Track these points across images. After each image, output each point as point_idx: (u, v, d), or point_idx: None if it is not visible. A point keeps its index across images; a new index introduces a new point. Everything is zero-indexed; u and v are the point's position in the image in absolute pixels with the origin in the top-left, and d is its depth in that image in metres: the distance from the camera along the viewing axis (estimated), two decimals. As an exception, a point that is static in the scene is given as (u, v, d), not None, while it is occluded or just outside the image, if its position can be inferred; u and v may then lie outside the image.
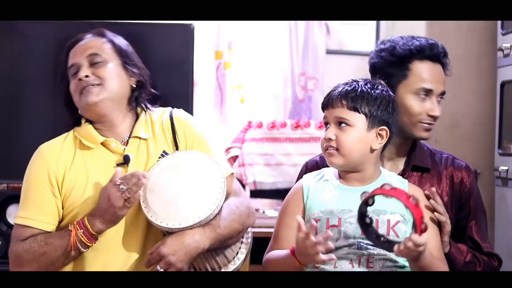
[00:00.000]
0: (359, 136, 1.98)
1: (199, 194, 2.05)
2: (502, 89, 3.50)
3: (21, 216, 2.09)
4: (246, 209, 2.17)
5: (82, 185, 2.08)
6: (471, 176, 2.25)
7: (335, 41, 3.87)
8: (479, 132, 3.85)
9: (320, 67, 3.81)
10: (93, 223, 2.00)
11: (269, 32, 3.75)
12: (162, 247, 2.00)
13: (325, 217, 1.96)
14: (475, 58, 3.83)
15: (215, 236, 2.05)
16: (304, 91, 3.80)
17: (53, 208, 2.08)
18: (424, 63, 2.15)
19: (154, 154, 2.14)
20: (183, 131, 2.19)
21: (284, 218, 2.06)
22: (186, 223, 2.01)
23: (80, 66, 2.11)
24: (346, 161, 1.99)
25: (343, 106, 1.98)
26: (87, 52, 2.12)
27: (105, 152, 2.12)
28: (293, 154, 3.55)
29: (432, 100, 2.15)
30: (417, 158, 2.22)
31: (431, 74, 2.15)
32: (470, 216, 2.23)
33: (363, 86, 2.00)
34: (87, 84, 2.09)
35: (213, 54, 3.69)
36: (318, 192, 2.03)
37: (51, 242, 2.02)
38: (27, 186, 2.11)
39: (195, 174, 2.08)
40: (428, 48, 2.15)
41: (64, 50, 2.17)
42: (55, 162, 2.10)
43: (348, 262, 1.93)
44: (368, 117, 1.98)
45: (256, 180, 3.57)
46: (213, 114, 3.70)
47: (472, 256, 2.15)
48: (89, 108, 2.10)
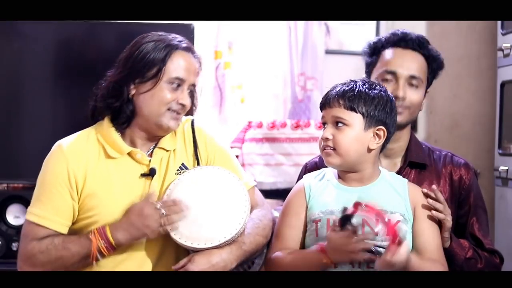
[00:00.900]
0: (356, 135, 1.98)
1: (224, 213, 2.02)
2: (502, 89, 3.50)
3: (35, 214, 2.03)
4: (269, 222, 2.14)
5: (104, 193, 2.04)
6: (470, 172, 2.26)
7: (335, 41, 3.87)
8: (479, 132, 3.85)
9: (319, 67, 3.81)
10: (116, 236, 1.97)
11: (269, 32, 3.75)
12: (190, 264, 1.98)
13: (326, 218, 1.97)
14: (475, 58, 3.83)
15: (241, 253, 2.03)
16: (304, 91, 3.80)
17: (69, 210, 2.04)
18: (391, 49, 2.23)
19: (173, 166, 2.11)
20: (205, 143, 2.16)
21: (287, 218, 2.05)
22: (211, 243, 1.98)
23: (185, 83, 2.06)
24: (343, 160, 1.99)
25: (340, 106, 1.98)
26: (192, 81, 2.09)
27: (129, 162, 2.08)
28: (293, 154, 3.55)
29: (397, 83, 2.19)
30: (413, 155, 2.23)
31: (396, 58, 2.21)
32: (471, 213, 2.23)
33: (360, 86, 2.00)
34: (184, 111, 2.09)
35: (212, 54, 3.68)
36: (319, 192, 2.03)
37: (69, 247, 1.98)
38: (43, 182, 2.05)
39: (218, 192, 2.05)
40: (396, 35, 2.24)
41: (166, 45, 2.05)
42: (77, 162, 2.05)
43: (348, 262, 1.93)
44: (365, 117, 1.98)
45: (256, 180, 3.55)
46: (212, 114, 3.69)
47: (473, 252, 2.15)
48: (167, 131, 2.09)
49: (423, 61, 2.23)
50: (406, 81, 2.20)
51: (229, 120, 3.70)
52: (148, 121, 2.06)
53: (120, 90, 2.04)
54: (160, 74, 2.02)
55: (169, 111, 2.04)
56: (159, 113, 2.04)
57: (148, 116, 2.05)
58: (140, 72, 2.03)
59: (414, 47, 2.23)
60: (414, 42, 2.23)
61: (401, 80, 2.19)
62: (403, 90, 2.18)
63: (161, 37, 2.07)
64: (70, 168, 2.04)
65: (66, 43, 3.00)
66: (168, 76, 2.03)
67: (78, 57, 2.98)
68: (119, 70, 2.07)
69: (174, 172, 2.10)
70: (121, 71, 2.06)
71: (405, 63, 2.21)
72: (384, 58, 2.23)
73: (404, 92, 2.19)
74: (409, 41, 2.23)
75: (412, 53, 2.23)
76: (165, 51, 2.03)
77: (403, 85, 2.19)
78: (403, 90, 2.18)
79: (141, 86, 2.04)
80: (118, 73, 2.06)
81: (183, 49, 2.07)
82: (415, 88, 2.21)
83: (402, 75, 2.20)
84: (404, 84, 2.19)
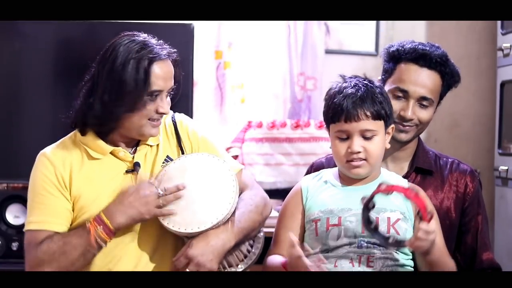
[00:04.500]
0: (382, 141, 2.00)
1: (213, 196, 2.04)
2: (502, 89, 3.50)
3: (33, 222, 2.04)
4: (262, 199, 2.16)
5: (90, 193, 2.05)
6: (475, 181, 2.25)
7: (335, 41, 3.87)
8: (479, 132, 3.85)
9: (319, 67, 3.80)
10: (113, 218, 1.98)
11: (269, 32, 3.74)
12: (190, 249, 1.99)
13: (325, 217, 1.97)
14: (475, 58, 3.83)
15: (238, 231, 2.04)
16: (303, 91, 3.79)
17: (65, 211, 2.05)
18: (409, 65, 2.17)
19: (159, 160, 2.13)
20: (187, 134, 2.18)
21: (284, 221, 2.07)
22: (204, 226, 2.00)
23: (164, 92, 2.05)
24: (372, 169, 2.00)
25: (368, 118, 1.96)
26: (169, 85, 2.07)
27: (113, 160, 2.10)
28: (293, 154, 3.55)
29: (408, 102, 2.16)
30: (420, 160, 2.23)
31: (411, 76, 2.16)
32: (473, 221, 2.23)
33: (369, 88, 1.99)
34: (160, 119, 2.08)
35: (213, 54, 3.68)
36: (317, 192, 2.03)
37: (69, 241, 1.99)
38: (34, 190, 2.06)
39: (205, 176, 2.07)
40: (416, 51, 2.17)
41: (142, 59, 2.01)
42: (62, 164, 2.07)
43: (348, 261, 1.93)
44: (385, 120, 1.99)
45: (256, 180, 3.56)
46: (213, 114, 3.69)
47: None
48: (149, 138, 2.10)
49: (438, 79, 2.19)
50: (416, 101, 2.16)
51: (229, 120, 3.70)
52: (130, 131, 2.08)
53: (103, 112, 2.02)
54: (140, 93, 2.01)
55: (150, 120, 2.06)
56: (140, 125, 2.05)
57: (130, 128, 2.07)
58: (120, 94, 2.00)
59: (432, 66, 2.17)
60: (432, 62, 2.17)
61: (412, 100, 2.16)
62: (412, 111, 2.16)
63: (135, 48, 2.01)
64: (57, 172, 2.06)
65: (66, 43, 3.00)
66: (147, 91, 2.02)
67: (78, 57, 2.96)
68: (100, 90, 2.02)
69: (160, 165, 2.12)
70: (103, 92, 2.01)
71: (419, 83, 2.16)
72: (399, 73, 2.19)
73: (413, 113, 2.16)
74: (428, 60, 2.17)
75: (428, 72, 2.17)
76: (143, 67, 1.99)
77: (413, 106, 2.16)
78: (412, 110, 2.16)
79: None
80: (101, 93, 2.02)
81: (160, 59, 2.03)
82: (425, 108, 2.18)
83: (413, 96, 2.16)
84: (414, 104, 2.16)
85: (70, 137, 2.14)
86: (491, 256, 2.24)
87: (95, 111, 2.03)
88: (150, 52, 2.02)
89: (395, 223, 1.94)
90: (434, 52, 2.18)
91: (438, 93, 2.20)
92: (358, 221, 1.92)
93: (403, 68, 2.18)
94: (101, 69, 2.03)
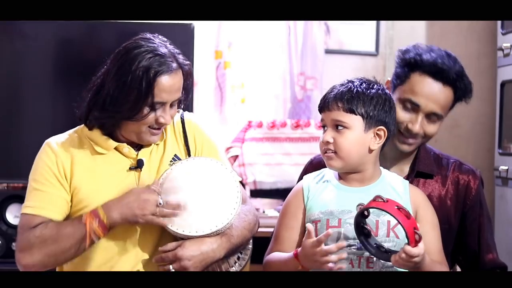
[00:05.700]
0: (356, 138, 1.97)
1: (216, 203, 2.03)
2: (502, 89, 3.50)
3: (29, 206, 2.04)
4: (254, 217, 2.17)
5: (90, 186, 2.05)
6: (477, 181, 2.23)
7: (335, 41, 3.87)
8: (479, 132, 3.85)
9: (319, 66, 3.80)
10: (109, 214, 1.97)
11: (269, 32, 3.75)
12: (180, 249, 1.99)
13: (325, 218, 1.97)
14: (475, 58, 3.83)
15: (229, 246, 2.04)
16: (303, 91, 3.80)
17: (62, 200, 2.05)
18: (424, 77, 2.11)
19: (166, 158, 2.12)
20: (193, 135, 2.18)
21: (285, 220, 2.06)
22: (203, 231, 2.00)
23: (167, 104, 2.03)
24: (345, 163, 1.99)
25: (339, 109, 1.97)
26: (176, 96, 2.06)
27: (117, 156, 2.10)
28: (293, 154, 3.55)
29: (417, 115, 2.11)
30: (421, 164, 2.21)
31: (424, 90, 2.10)
32: (475, 223, 2.22)
33: (358, 87, 1.99)
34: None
35: (213, 54, 3.68)
36: (318, 193, 2.03)
37: (63, 229, 1.98)
38: (34, 177, 2.07)
39: (211, 182, 2.06)
40: (435, 66, 2.10)
41: (149, 70, 1.98)
42: (65, 156, 2.07)
43: (348, 262, 1.93)
44: (364, 118, 1.97)
45: (256, 179, 3.56)
46: (213, 114, 3.69)
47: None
48: (149, 143, 2.10)
49: (451, 95, 2.13)
50: (425, 115, 2.12)
51: (229, 120, 3.70)
52: (129, 136, 2.08)
53: (104, 114, 2.04)
54: (140, 103, 2.00)
55: (150, 128, 2.06)
56: (139, 131, 2.05)
57: (129, 133, 2.07)
58: (120, 100, 2.00)
59: (447, 82, 2.11)
60: (449, 78, 2.11)
61: (421, 114, 2.11)
62: (420, 125, 2.11)
63: (145, 57, 1.99)
64: (59, 162, 2.06)
65: (66, 43, 3.01)
66: (150, 101, 2.01)
67: (78, 57, 2.98)
68: (105, 91, 2.02)
69: (168, 163, 2.11)
70: (106, 94, 2.01)
71: (431, 98, 2.10)
72: (412, 84, 2.11)
73: (421, 127, 2.12)
74: (446, 77, 2.10)
75: (442, 87, 2.10)
76: (148, 78, 1.97)
77: (421, 120, 2.11)
78: (420, 124, 2.11)
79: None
80: (105, 94, 2.02)
81: (167, 72, 2.00)
82: (433, 123, 2.14)
83: (424, 110, 2.10)
84: (422, 118, 2.11)
85: (77, 130, 2.14)
86: (494, 257, 2.22)
87: (98, 110, 2.05)
88: (159, 64, 1.99)
89: (395, 227, 1.94)
90: (452, 68, 2.11)
91: (448, 108, 2.16)
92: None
93: (418, 79, 2.11)
94: (111, 68, 2.03)
